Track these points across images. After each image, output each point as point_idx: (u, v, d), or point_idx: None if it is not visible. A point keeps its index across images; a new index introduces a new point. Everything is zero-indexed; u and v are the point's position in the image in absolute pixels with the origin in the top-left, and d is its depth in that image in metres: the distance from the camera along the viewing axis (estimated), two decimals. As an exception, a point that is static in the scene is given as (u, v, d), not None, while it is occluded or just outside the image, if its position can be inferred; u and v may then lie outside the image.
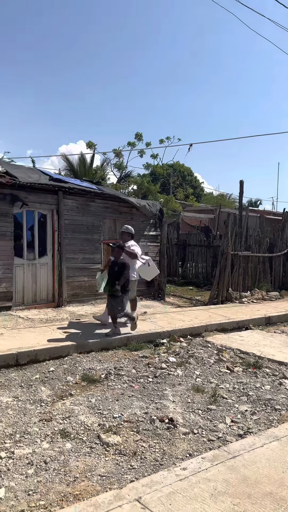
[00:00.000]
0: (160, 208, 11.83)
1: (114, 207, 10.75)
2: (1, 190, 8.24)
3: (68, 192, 9.60)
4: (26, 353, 5.62)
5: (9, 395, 4.46)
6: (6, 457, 3.24)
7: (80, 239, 9.94)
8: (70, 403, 4.29)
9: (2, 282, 8.51)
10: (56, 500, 2.73)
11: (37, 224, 9.37)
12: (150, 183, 19.50)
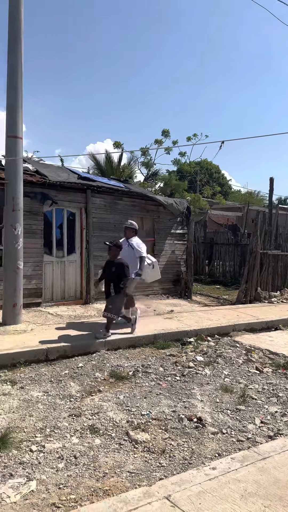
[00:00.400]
0: (188, 206, 11.77)
1: (141, 205, 10.77)
2: (31, 188, 8.38)
3: (96, 190, 9.69)
4: (56, 348, 5.72)
5: (40, 389, 4.54)
6: (37, 450, 3.30)
7: (108, 237, 9.97)
8: (99, 399, 4.33)
9: (32, 279, 8.68)
10: (86, 495, 2.76)
11: (66, 222, 9.50)
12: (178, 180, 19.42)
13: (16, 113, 6.52)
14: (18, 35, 6.46)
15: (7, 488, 2.80)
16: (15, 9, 6.44)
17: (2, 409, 4.01)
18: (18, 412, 3.96)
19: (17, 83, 6.49)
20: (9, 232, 6.74)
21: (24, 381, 4.77)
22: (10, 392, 4.44)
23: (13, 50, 6.46)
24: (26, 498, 2.70)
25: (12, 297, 6.76)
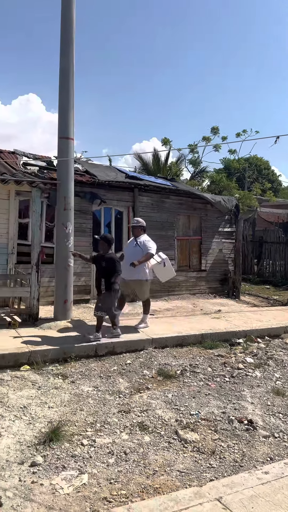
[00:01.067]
0: (236, 204, 11.54)
1: (188, 203, 10.70)
2: (81, 188, 8.57)
3: (143, 189, 9.75)
4: (104, 345, 5.82)
5: (89, 384, 4.64)
6: (88, 444, 3.37)
7: (154, 235, 9.95)
8: (147, 396, 4.35)
9: (82, 276, 8.89)
10: (137, 491, 2.78)
11: (113, 221, 9.64)
12: (227, 178, 19.09)
13: (68, 114, 6.69)
14: (70, 37, 6.61)
15: (60, 479, 2.88)
16: (67, 11, 6.60)
17: (54, 402, 4.14)
18: (69, 406, 4.07)
19: (68, 84, 6.65)
20: (61, 231, 6.93)
21: (75, 376, 4.89)
22: (62, 386, 4.57)
23: (65, 52, 6.63)
24: (79, 491, 2.77)
25: (63, 293, 6.96)
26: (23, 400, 4.13)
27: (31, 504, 2.59)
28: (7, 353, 5.23)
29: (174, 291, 10.36)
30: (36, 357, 5.23)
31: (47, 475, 2.91)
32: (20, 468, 2.98)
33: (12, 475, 2.89)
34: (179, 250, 10.54)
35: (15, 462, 3.05)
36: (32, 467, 2.99)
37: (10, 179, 6.40)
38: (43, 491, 2.74)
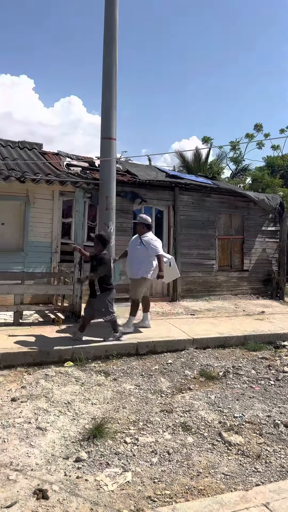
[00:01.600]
0: (281, 202, 11.23)
1: (230, 202, 10.52)
2: (122, 188, 8.63)
3: (184, 188, 9.69)
4: (145, 343, 5.83)
5: (131, 383, 4.66)
6: (131, 443, 3.38)
7: (195, 234, 9.95)
8: (190, 397, 4.31)
9: (122, 275, 8.94)
10: (181, 492, 2.76)
11: (154, 220, 9.62)
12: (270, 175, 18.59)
13: (110, 114, 6.75)
14: (113, 36, 6.66)
15: (104, 476, 2.91)
16: (111, 11, 6.66)
17: (97, 399, 4.19)
18: (112, 403, 4.10)
19: (111, 84, 6.71)
20: (103, 230, 7.00)
21: (117, 373, 4.93)
22: (104, 383, 4.62)
23: (109, 52, 6.69)
24: (123, 488, 2.78)
25: (104, 292, 7.01)
26: (67, 395, 4.21)
27: (77, 499, 2.63)
28: (51, 349, 5.36)
29: (215, 291, 10.22)
30: (79, 353, 5.32)
31: (92, 471, 2.95)
32: (65, 462, 3.04)
33: (57, 469, 2.95)
34: (220, 250, 10.39)
35: (60, 457, 3.11)
36: (77, 463, 3.04)
37: (55, 180, 6.55)
38: (88, 486, 2.77)
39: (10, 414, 3.75)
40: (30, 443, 3.28)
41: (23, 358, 5.12)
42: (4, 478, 2.80)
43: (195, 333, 6.41)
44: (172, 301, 9.54)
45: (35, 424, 3.58)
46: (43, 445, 3.26)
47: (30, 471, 2.91)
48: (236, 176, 20.53)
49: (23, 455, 3.10)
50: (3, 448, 3.18)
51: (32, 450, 3.18)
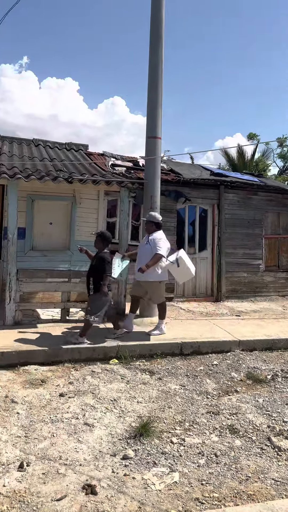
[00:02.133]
0: None
1: (278, 200, 10.21)
2: (166, 187, 8.61)
3: (229, 186, 9.52)
4: (190, 344, 5.78)
5: (176, 382, 4.63)
6: (177, 443, 3.36)
7: (241, 233, 9.75)
8: (236, 399, 4.23)
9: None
10: (230, 496, 2.70)
11: (198, 219, 9.54)
12: None
13: (156, 113, 6.75)
14: (159, 34, 6.65)
15: (152, 475, 2.90)
16: (157, 9, 6.65)
17: (143, 397, 4.20)
18: (157, 403, 4.10)
19: (157, 82, 6.70)
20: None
21: (162, 373, 4.92)
22: (149, 382, 4.62)
23: (155, 49, 6.68)
24: (170, 488, 2.76)
25: (149, 291, 7.03)
26: (113, 393, 4.25)
27: (124, 496, 2.64)
28: (96, 346, 5.44)
29: (261, 292, 9.96)
30: (124, 351, 5.36)
31: (139, 470, 2.96)
32: (112, 460, 3.07)
33: (105, 466, 2.98)
34: (267, 249, 10.11)
35: (107, 454, 3.14)
36: (124, 460, 3.06)
37: (101, 180, 6.63)
38: (135, 484, 2.78)
39: (58, 409, 3.84)
40: (78, 438, 3.34)
41: (70, 354, 5.23)
42: (54, 471, 2.87)
43: (241, 334, 6.28)
44: (216, 301, 9.40)
45: (83, 420, 3.64)
46: (91, 441, 3.30)
47: (79, 466, 2.96)
48: (284, 173, 19.92)
49: (71, 450, 3.16)
50: (53, 442, 3.25)
51: (80, 445, 3.23)
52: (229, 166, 18.49)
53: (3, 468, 2.88)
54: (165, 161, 10.77)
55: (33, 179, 6.19)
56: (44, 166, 7.25)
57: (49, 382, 4.46)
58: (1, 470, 2.85)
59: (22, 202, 7.02)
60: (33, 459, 3.00)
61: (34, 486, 2.68)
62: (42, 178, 6.25)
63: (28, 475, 2.81)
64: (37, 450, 3.13)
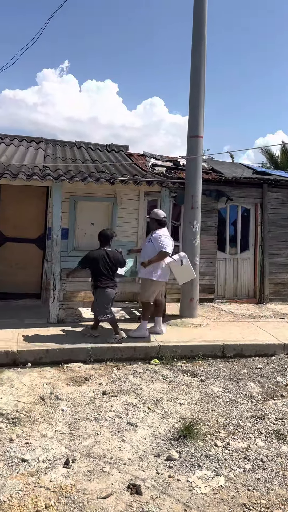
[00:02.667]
0: None
1: None
2: (207, 186, 8.50)
3: (273, 184, 9.26)
4: (232, 346, 5.67)
5: (219, 385, 4.56)
6: (221, 446, 3.30)
7: (285, 233, 9.45)
8: (282, 404, 4.10)
9: (206, 275, 8.83)
10: (278, 503, 2.62)
11: (239, 219, 9.36)
12: None
13: (198, 112, 6.70)
14: (202, 33, 6.61)
15: (196, 478, 2.87)
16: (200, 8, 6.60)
17: (185, 399, 4.16)
18: (200, 405, 4.05)
19: (200, 81, 6.64)
20: (187, 229, 6.98)
21: (204, 375, 4.86)
22: (191, 383, 4.58)
23: (197, 49, 6.64)
24: (216, 492, 2.71)
25: (189, 291, 6.99)
26: (155, 393, 4.25)
27: (169, 498, 2.62)
28: (137, 346, 5.46)
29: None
30: (165, 352, 5.35)
31: (183, 472, 2.93)
32: (156, 460, 3.05)
33: (149, 466, 2.97)
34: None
35: (151, 454, 3.14)
36: (168, 461, 3.04)
37: (142, 180, 6.65)
38: (180, 486, 2.75)
39: (101, 407, 3.87)
40: (121, 437, 3.35)
41: (112, 352, 5.28)
42: (99, 469, 2.89)
43: (286, 338, 6.09)
44: (259, 303, 9.18)
45: (126, 419, 3.66)
46: (134, 441, 3.31)
47: (123, 465, 2.97)
48: None
49: (115, 449, 3.18)
50: (97, 440, 3.29)
51: (124, 444, 3.25)
52: (270, 164, 18.01)
53: (49, 463, 2.94)
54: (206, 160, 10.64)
55: (76, 181, 6.30)
56: (86, 167, 7.36)
57: (92, 380, 4.52)
58: (48, 466, 2.91)
59: (65, 203, 7.15)
60: (78, 456, 3.04)
61: (80, 483, 2.72)
62: (85, 180, 6.35)
63: (74, 471, 2.85)
64: (82, 448, 3.17)
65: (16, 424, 3.49)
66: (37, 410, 3.74)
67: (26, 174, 6.18)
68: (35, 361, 4.99)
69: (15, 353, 4.98)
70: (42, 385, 4.28)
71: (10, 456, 3.00)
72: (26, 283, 7.95)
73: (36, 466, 2.90)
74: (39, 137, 9.58)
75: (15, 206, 7.97)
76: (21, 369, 4.76)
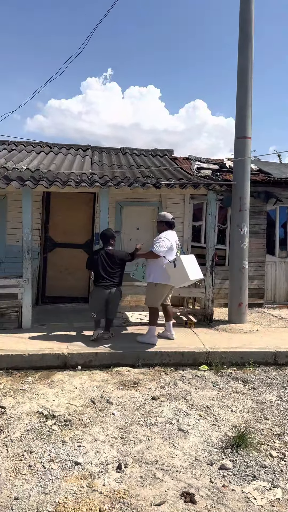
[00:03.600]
0: None
1: None
2: (255, 188, 8.31)
3: None
4: (285, 353, 5.47)
5: (272, 393, 4.40)
6: (277, 457, 3.18)
7: None
8: None
9: (254, 279, 8.62)
10: None
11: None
12: None
13: (246, 113, 6.58)
14: (248, 36, 6.52)
15: (252, 489, 2.77)
16: (246, 11, 6.51)
17: (237, 407, 4.05)
18: (252, 413, 3.92)
19: (247, 83, 6.54)
20: (235, 232, 6.84)
21: (255, 382, 4.71)
22: (243, 391, 4.46)
23: (244, 51, 6.55)
24: (273, 505, 2.60)
25: (238, 296, 6.84)
26: (205, 400, 4.17)
27: (225, 508, 2.55)
28: (186, 351, 5.39)
29: None
30: (214, 358, 5.25)
31: (238, 482, 2.84)
32: (209, 469, 2.99)
33: (202, 475, 2.91)
34: None
35: (204, 462, 3.07)
36: (222, 470, 2.96)
37: (188, 184, 6.61)
38: (235, 497, 2.67)
39: (151, 412, 3.85)
40: (173, 444, 3.31)
41: (160, 358, 5.26)
42: (151, 475, 2.87)
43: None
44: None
45: (177, 425, 3.61)
46: (186, 448, 3.26)
47: (176, 472, 2.92)
48: None
49: (167, 455, 3.14)
50: (148, 446, 3.27)
51: (175, 451, 3.20)
52: None
53: (102, 467, 2.95)
54: (253, 161, 10.42)
55: (123, 186, 6.37)
56: (132, 173, 7.43)
57: (141, 385, 4.51)
58: (101, 470, 2.92)
59: (111, 209, 7.25)
60: (130, 461, 3.03)
61: (133, 489, 2.71)
62: (132, 185, 6.40)
63: (127, 477, 2.84)
64: (134, 453, 3.16)
65: (68, 426, 3.54)
66: (88, 413, 3.78)
67: (74, 181, 6.33)
68: (84, 364, 5.06)
69: (65, 356, 5.08)
70: (93, 388, 4.33)
71: (64, 459, 3.04)
72: (75, 287, 8.13)
73: (89, 469, 2.92)
74: (85, 145, 9.80)
75: (64, 213, 8.19)
76: (71, 372, 4.85)
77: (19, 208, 6.48)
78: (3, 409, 3.79)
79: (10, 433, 3.38)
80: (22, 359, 4.97)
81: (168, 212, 8.23)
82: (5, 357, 4.95)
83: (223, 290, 8.53)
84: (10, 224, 7.83)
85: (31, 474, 2.84)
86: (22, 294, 6.18)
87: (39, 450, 3.14)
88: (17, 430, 3.43)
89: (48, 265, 8.20)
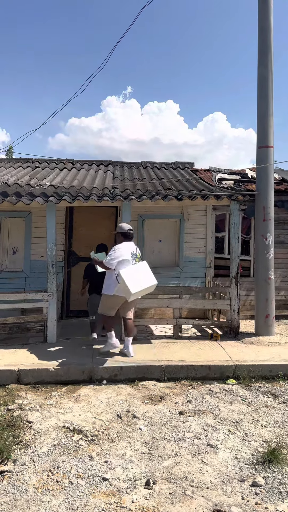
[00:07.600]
0: None
1: None
2: (278, 197, 8.19)
3: None
4: (315, 365, 5.29)
5: (304, 407, 4.25)
6: (312, 474, 3.04)
7: None
8: None
9: (281, 290, 8.43)
10: None
11: (314, 230, 8.86)
12: None
13: (267, 122, 6.53)
14: (268, 45, 6.51)
15: (286, 506, 2.65)
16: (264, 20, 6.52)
17: (267, 421, 3.92)
18: (284, 428, 3.79)
19: (267, 92, 6.51)
20: (260, 242, 6.73)
21: (286, 396, 4.57)
22: (272, 405, 4.32)
23: (263, 61, 6.54)
24: (310, 526, 2.48)
25: (264, 307, 6.69)
26: (234, 414, 4.06)
27: (259, 528, 2.44)
28: (212, 364, 5.28)
29: None
30: (242, 371, 5.12)
31: (271, 499, 2.73)
32: (241, 485, 2.88)
33: (234, 492, 2.81)
34: None
35: (235, 479, 2.97)
36: (254, 487, 2.85)
37: (210, 195, 6.57)
38: (269, 516, 2.56)
39: (179, 427, 3.77)
40: (202, 459, 3.22)
41: (186, 371, 5.17)
42: (181, 492, 2.79)
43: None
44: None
45: (205, 440, 3.52)
46: (216, 464, 3.16)
47: (206, 489, 2.83)
48: None
49: (196, 471, 3.05)
50: (177, 462, 3.19)
51: (205, 467, 3.11)
52: None
53: (130, 483, 2.89)
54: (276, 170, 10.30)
55: (144, 199, 6.38)
56: (153, 185, 7.45)
57: (167, 399, 4.43)
58: (129, 486, 2.86)
59: (133, 222, 7.27)
60: (158, 477, 2.96)
61: (162, 506, 2.63)
62: (153, 197, 6.41)
63: (155, 493, 2.77)
64: (162, 468, 3.09)
65: (95, 441, 3.50)
66: (115, 428, 3.73)
67: (97, 195, 6.39)
68: (110, 378, 5.03)
69: (90, 370, 5.06)
70: (119, 403, 4.28)
71: (91, 474, 3.00)
72: (98, 301, 8.12)
73: (117, 485, 2.86)
74: (107, 160, 9.93)
75: (87, 227, 8.26)
76: (97, 386, 4.81)
77: (43, 223, 6.59)
78: (30, 424, 3.78)
79: (37, 448, 3.37)
80: (47, 373, 4.98)
81: (189, 223, 8.29)
82: (32, 372, 4.97)
83: (248, 301, 8.38)
84: (35, 240, 7.96)
85: (58, 490, 2.80)
86: (47, 309, 6.23)
87: (66, 465, 3.11)
88: (44, 445, 3.41)
89: (72, 279, 8.25)
